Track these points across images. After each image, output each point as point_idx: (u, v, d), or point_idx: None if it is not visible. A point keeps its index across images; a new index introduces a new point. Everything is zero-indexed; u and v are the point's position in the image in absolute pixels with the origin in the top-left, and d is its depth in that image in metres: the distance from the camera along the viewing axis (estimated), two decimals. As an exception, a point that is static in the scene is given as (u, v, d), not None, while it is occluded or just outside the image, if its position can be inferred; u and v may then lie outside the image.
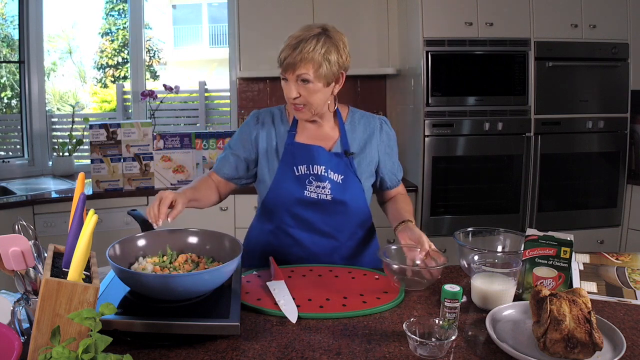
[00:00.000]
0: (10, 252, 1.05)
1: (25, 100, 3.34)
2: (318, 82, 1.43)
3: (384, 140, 1.62)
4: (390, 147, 1.64)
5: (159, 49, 6.30)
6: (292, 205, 1.54)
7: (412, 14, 2.98)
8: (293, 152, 1.54)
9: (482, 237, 1.56)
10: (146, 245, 1.33)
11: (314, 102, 1.46)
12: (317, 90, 1.44)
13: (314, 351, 1.05)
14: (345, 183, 1.54)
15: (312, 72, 1.41)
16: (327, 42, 1.42)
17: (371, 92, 3.58)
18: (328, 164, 1.53)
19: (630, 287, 1.37)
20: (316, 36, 1.41)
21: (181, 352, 1.04)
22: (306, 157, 1.53)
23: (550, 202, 3.07)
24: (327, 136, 1.57)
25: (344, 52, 1.48)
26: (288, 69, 1.41)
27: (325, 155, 1.54)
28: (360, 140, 1.59)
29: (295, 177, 1.53)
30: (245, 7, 3.15)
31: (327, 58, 1.41)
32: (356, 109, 1.66)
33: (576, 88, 3.00)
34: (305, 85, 1.43)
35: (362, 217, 1.63)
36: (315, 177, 1.52)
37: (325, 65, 1.41)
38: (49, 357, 0.80)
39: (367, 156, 1.58)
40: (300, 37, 1.40)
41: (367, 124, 1.61)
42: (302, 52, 1.38)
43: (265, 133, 1.58)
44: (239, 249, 1.24)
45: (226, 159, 1.61)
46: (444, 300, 1.13)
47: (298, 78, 1.42)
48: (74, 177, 3.17)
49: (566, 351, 0.99)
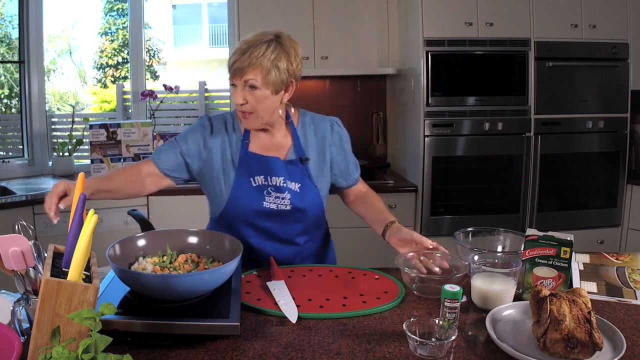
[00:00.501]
0: (10, 252, 1.05)
1: (25, 100, 3.34)
2: (266, 89, 1.39)
3: (336, 141, 1.61)
4: (343, 147, 1.62)
5: (158, 49, 6.30)
6: (250, 217, 1.52)
7: (412, 14, 2.98)
8: (249, 163, 1.51)
9: (482, 237, 1.56)
10: (146, 245, 1.33)
11: (261, 110, 1.42)
12: (264, 97, 1.41)
13: (314, 351, 1.05)
14: (303, 191, 1.53)
15: (260, 78, 1.38)
16: (277, 48, 1.39)
17: (371, 92, 3.58)
18: (285, 174, 1.51)
19: (630, 287, 1.37)
20: (267, 42, 1.38)
21: (181, 352, 1.04)
22: (263, 168, 1.51)
23: (550, 202, 3.07)
24: (280, 145, 1.55)
25: (295, 60, 1.43)
26: (236, 73, 1.39)
27: (282, 165, 1.52)
28: (313, 144, 1.57)
29: (253, 189, 1.50)
30: (245, 7, 3.15)
31: (276, 65, 1.38)
32: (306, 112, 1.63)
33: (576, 88, 3.00)
34: (252, 92, 1.40)
35: (319, 220, 1.63)
36: (275, 188, 1.51)
37: (274, 71, 1.38)
38: (49, 357, 0.80)
39: (322, 160, 1.58)
40: (251, 42, 1.38)
41: (318, 127, 1.60)
42: (251, 57, 1.36)
43: (219, 143, 1.53)
44: (239, 249, 1.24)
45: (170, 152, 1.52)
46: (444, 300, 1.13)
47: (246, 84, 1.39)
48: (74, 177, 3.15)
49: (566, 351, 0.99)
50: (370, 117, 3.58)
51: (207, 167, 1.53)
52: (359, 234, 2.98)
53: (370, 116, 3.58)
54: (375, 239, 2.87)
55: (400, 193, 2.98)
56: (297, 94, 1.47)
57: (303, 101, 3.54)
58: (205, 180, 1.56)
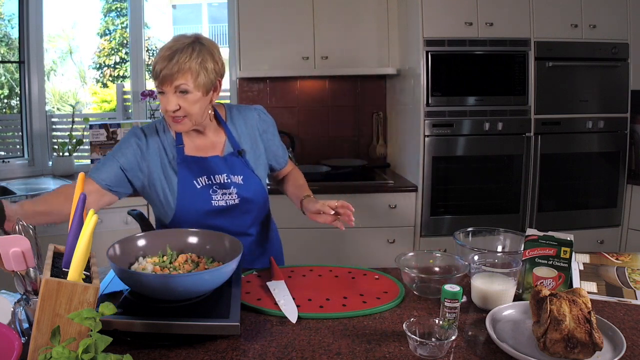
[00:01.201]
0: (10, 253, 1.05)
1: (25, 100, 3.34)
2: (197, 91, 1.40)
3: (265, 128, 1.66)
4: (271, 132, 1.68)
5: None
6: (202, 218, 1.51)
7: (412, 14, 2.98)
8: (188, 166, 1.51)
9: (482, 237, 1.56)
10: (146, 245, 1.33)
11: (193, 112, 1.42)
12: (196, 100, 1.41)
13: (314, 351, 1.06)
14: (247, 182, 1.56)
15: (191, 82, 1.38)
16: (202, 50, 1.40)
17: (371, 92, 3.58)
18: (227, 170, 1.54)
19: (630, 287, 1.37)
20: (190, 45, 1.39)
21: (181, 352, 1.04)
22: (203, 168, 1.52)
23: (550, 202, 3.07)
24: (214, 142, 1.56)
25: (220, 60, 1.46)
26: (165, 81, 1.38)
27: (221, 161, 1.54)
28: (246, 135, 1.61)
29: (198, 190, 1.51)
30: (245, 7, 3.15)
31: (204, 66, 1.40)
32: (232, 105, 1.66)
33: (576, 88, 3.00)
34: (184, 96, 1.40)
35: (265, 208, 1.68)
36: (220, 186, 1.53)
37: (203, 73, 1.40)
38: (49, 357, 0.80)
39: (256, 149, 1.62)
40: (174, 48, 1.38)
41: (246, 118, 1.63)
42: (179, 63, 1.36)
43: (155, 151, 1.52)
44: (239, 249, 1.24)
45: (108, 167, 1.49)
46: (444, 300, 1.13)
47: (177, 89, 1.39)
48: (74, 177, 3.15)
49: (566, 351, 0.99)
50: (370, 117, 3.58)
51: (149, 177, 1.52)
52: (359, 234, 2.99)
53: (370, 116, 3.58)
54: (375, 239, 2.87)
55: (400, 193, 2.98)
56: (297, 94, 1.48)
57: (303, 101, 3.54)
58: (149, 191, 1.54)
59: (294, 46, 3.17)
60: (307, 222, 1.81)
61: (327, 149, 3.55)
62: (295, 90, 3.54)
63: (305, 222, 1.76)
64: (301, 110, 3.55)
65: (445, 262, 1.43)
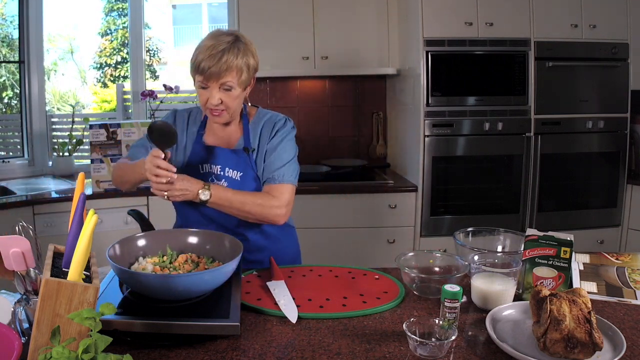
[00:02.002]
0: (10, 253, 1.05)
1: (25, 100, 3.34)
2: (239, 87, 1.49)
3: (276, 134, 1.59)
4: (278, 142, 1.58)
5: (159, 49, 6.30)
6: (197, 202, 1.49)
7: (412, 14, 2.98)
8: (198, 152, 1.60)
9: (482, 237, 1.56)
10: (146, 245, 1.33)
11: (233, 106, 1.51)
12: (237, 95, 1.50)
13: (314, 351, 1.06)
14: (243, 180, 1.57)
15: (235, 80, 1.46)
16: (244, 49, 1.48)
17: (371, 92, 3.58)
18: (225, 163, 1.58)
19: (630, 287, 1.37)
20: (235, 44, 1.46)
21: (181, 352, 1.04)
22: (207, 156, 1.59)
23: (550, 202, 3.07)
24: (231, 135, 1.63)
25: (256, 56, 1.54)
26: (212, 77, 1.44)
27: (224, 153, 1.59)
28: (262, 137, 1.60)
29: (199, 176, 1.54)
30: (245, 7, 3.15)
31: (246, 64, 1.48)
32: (266, 110, 1.67)
33: (576, 88, 3.00)
34: (227, 92, 1.48)
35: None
36: (215, 176, 1.58)
37: (245, 71, 1.48)
38: (49, 357, 0.80)
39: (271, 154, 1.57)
40: (221, 47, 1.43)
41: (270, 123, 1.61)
42: (227, 62, 1.43)
43: (179, 134, 1.61)
44: (239, 249, 1.24)
45: (140, 148, 1.61)
46: (444, 300, 1.13)
47: (222, 86, 1.46)
48: (74, 177, 3.16)
49: (566, 351, 0.99)
50: (370, 117, 3.58)
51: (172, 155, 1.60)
52: (359, 233, 2.99)
53: (370, 116, 3.58)
54: (375, 239, 2.86)
55: (400, 193, 2.98)
56: (297, 94, 1.48)
57: (303, 101, 3.54)
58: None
59: (294, 46, 3.17)
60: (307, 222, 1.81)
61: (327, 149, 3.55)
62: (295, 90, 3.54)
63: (305, 222, 1.76)
64: (301, 110, 3.55)
65: (445, 262, 1.43)
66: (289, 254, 1.71)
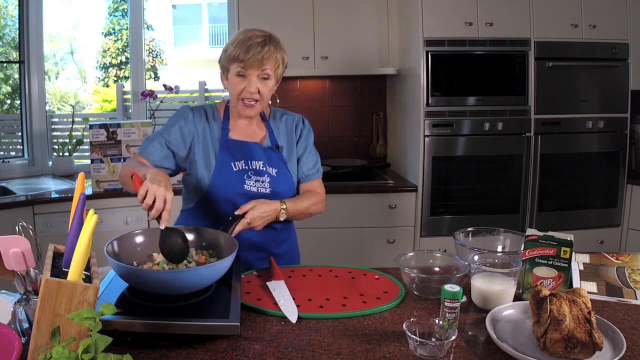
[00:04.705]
0: (10, 253, 1.05)
1: (25, 100, 3.34)
2: (274, 79, 1.55)
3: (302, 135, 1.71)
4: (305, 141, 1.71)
5: (161, 50, 6.31)
6: (233, 198, 1.55)
7: (412, 14, 2.98)
8: (229, 148, 1.59)
9: (482, 237, 1.56)
10: (144, 242, 1.33)
11: (266, 97, 1.56)
12: (271, 87, 1.56)
13: (314, 351, 1.06)
14: (280, 176, 1.61)
15: (273, 70, 1.53)
16: (280, 45, 1.56)
17: (371, 92, 3.58)
18: (265, 159, 1.61)
19: (630, 287, 1.37)
20: (271, 38, 1.53)
21: (181, 352, 1.04)
22: (243, 153, 1.60)
23: (550, 202, 3.07)
24: (256, 132, 1.65)
25: (287, 55, 1.61)
26: (253, 65, 1.49)
27: (261, 150, 1.62)
28: (284, 134, 1.68)
29: (234, 173, 1.57)
30: (245, 7, 3.15)
31: (282, 59, 1.56)
32: (278, 109, 1.75)
33: (576, 88, 3.00)
34: (264, 82, 1.53)
35: None
36: (254, 172, 1.59)
37: (281, 65, 1.57)
38: (49, 357, 0.80)
39: (291, 151, 1.68)
40: (259, 39, 1.49)
41: (287, 121, 1.71)
42: (269, 51, 1.50)
43: (200, 130, 1.60)
44: (234, 246, 1.25)
45: (155, 143, 1.56)
46: (444, 300, 1.13)
47: (260, 75, 1.51)
48: (74, 177, 3.16)
49: (566, 351, 0.99)
50: (370, 117, 3.58)
51: (191, 153, 1.59)
52: (358, 233, 2.99)
53: (370, 116, 3.58)
54: (375, 239, 2.86)
55: (400, 193, 2.98)
56: (297, 94, 1.49)
57: (303, 101, 3.54)
58: (189, 167, 1.61)
59: (294, 46, 3.16)
60: (307, 222, 1.81)
61: (327, 149, 3.55)
62: (295, 90, 3.54)
63: (305, 222, 1.76)
64: (301, 110, 3.55)
65: (445, 262, 1.43)
66: (288, 254, 1.71)
